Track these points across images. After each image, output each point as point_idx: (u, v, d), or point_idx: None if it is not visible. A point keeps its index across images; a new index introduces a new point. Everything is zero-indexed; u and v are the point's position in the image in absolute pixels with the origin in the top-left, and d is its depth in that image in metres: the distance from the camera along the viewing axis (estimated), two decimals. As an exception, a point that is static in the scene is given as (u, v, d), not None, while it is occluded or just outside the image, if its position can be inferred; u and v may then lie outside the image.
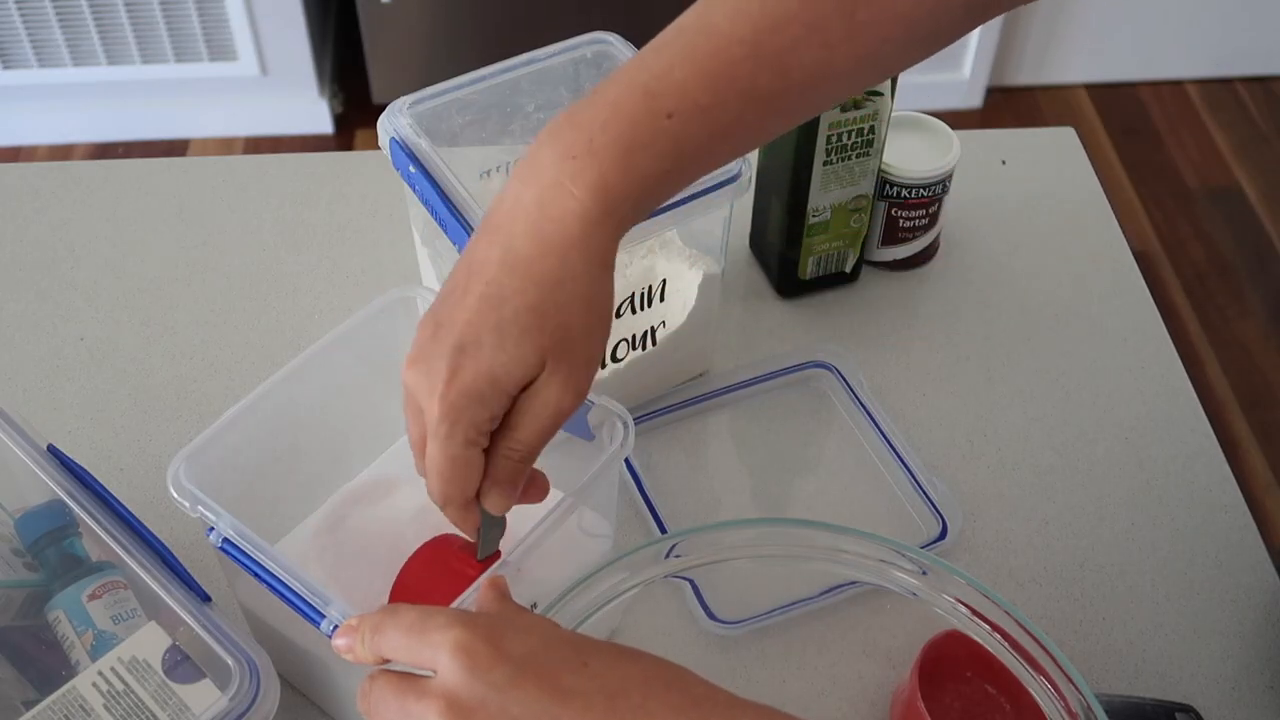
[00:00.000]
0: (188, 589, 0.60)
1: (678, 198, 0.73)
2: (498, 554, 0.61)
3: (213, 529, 0.61)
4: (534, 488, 0.60)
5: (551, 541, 0.62)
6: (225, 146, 2.32)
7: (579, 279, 0.54)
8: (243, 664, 0.58)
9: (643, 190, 0.55)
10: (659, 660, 0.49)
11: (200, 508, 0.61)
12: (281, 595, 0.59)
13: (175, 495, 0.61)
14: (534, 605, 0.65)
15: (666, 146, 0.55)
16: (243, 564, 0.60)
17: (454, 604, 0.58)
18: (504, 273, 0.54)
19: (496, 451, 0.56)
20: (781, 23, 0.55)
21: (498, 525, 0.60)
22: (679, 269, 0.83)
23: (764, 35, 0.55)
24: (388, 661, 0.50)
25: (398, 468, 0.76)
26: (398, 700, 0.47)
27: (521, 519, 0.63)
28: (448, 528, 0.73)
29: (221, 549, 0.60)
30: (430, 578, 0.62)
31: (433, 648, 0.47)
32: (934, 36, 0.59)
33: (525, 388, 0.55)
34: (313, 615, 0.58)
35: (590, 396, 0.65)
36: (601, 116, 0.54)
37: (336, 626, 0.57)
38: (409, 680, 0.48)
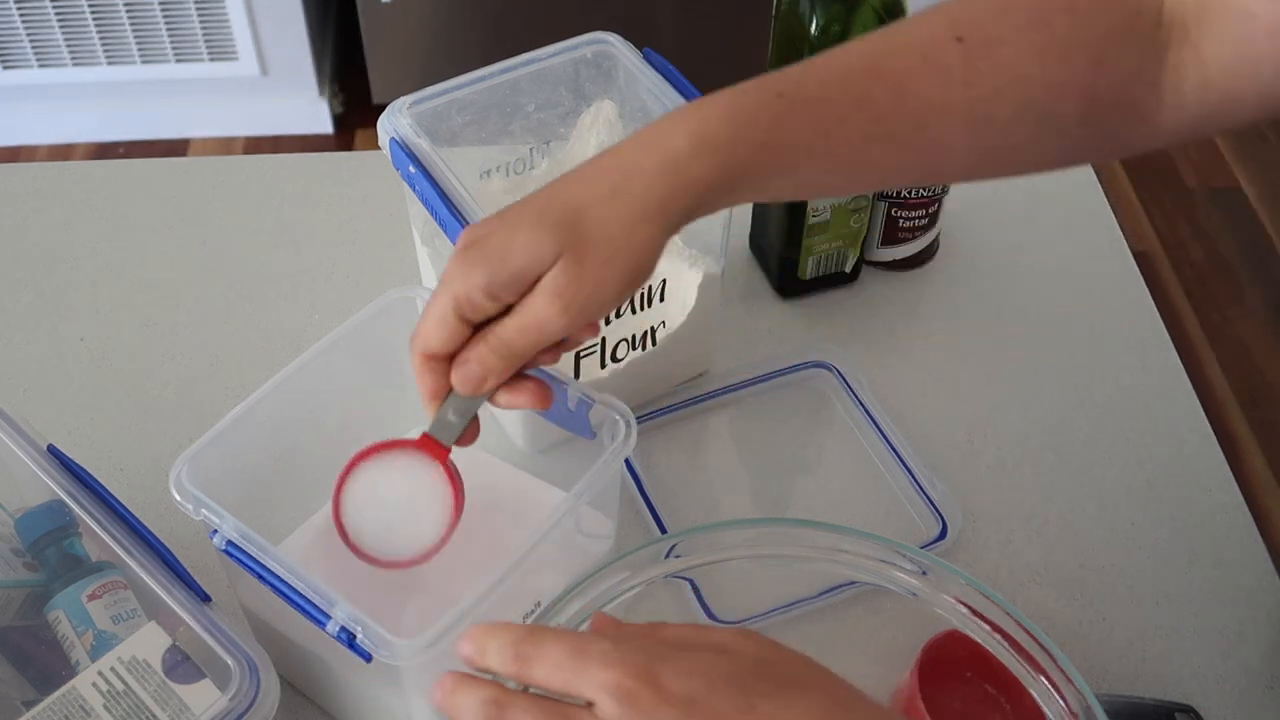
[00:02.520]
0: (188, 589, 0.60)
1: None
2: (446, 449, 0.60)
3: (216, 531, 0.61)
4: (529, 391, 0.59)
5: (553, 541, 0.62)
6: (225, 146, 2.32)
7: (629, 204, 0.56)
8: (243, 664, 0.58)
9: (735, 149, 0.56)
10: (831, 691, 0.48)
11: (204, 510, 0.61)
12: (286, 597, 0.59)
13: (178, 498, 0.61)
14: (537, 604, 0.65)
15: (769, 119, 0.57)
16: (247, 566, 0.60)
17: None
18: (575, 175, 0.57)
19: (480, 332, 0.57)
20: (901, 50, 0.59)
21: (460, 413, 0.59)
22: (679, 269, 0.83)
23: (883, 57, 0.59)
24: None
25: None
26: None
27: (522, 520, 0.63)
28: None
29: (225, 551, 0.60)
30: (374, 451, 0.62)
31: (593, 687, 0.45)
32: (1050, 121, 0.59)
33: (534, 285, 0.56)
34: (318, 616, 0.58)
35: (592, 395, 0.65)
36: (718, 94, 0.58)
37: (342, 627, 0.57)
38: (560, 710, 0.46)
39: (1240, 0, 0.56)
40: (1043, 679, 0.58)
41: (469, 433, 0.61)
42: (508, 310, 0.57)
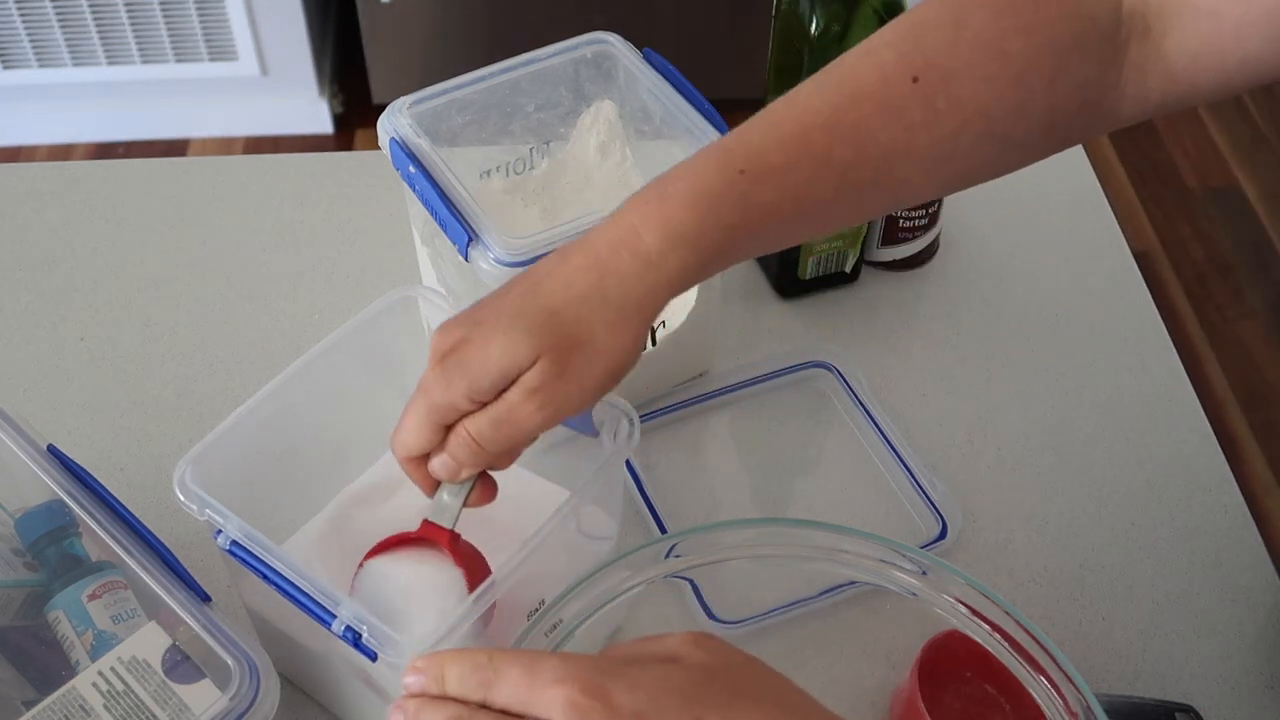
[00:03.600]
0: (188, 589, 0.60)
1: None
2: (448, 531, 0.61)
3: (220, 531, 0.61)
4: (481, 489, 0.61)
5: (556, 539, 0.62)
6: (225, 146, 2.32)
7: (608, 306, 0.56)
8: (243, 664, 0.58)
9: (704, 237, 0.56)
10: (782, 700, 0.48)
11: (208, 510, 0.61)
12: (292, 597, 0.59)
13: (182, 498, 0.61)
14: (540, 603, 0.65)
15: (735, 199, 0.57)
16: (251, 566, 0.60)
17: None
18: (547, 275, 0.57)
19: (458, 424, 0.58)
20: (859, 99, 0.58)
21: (453, 494, 0.61)
22: (679, 269, 0.83)
23: (841, 110, 0.58)
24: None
25: (399, 469, 0.76)
26: None
27: (524, 519, 0.63)
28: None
29: (230, 551, 0.60)
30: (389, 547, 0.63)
31: (545, 704, 0.46)
32: (1013, 141, 0.60)
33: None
34: (323, 616, 0.58)
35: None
36: (680, 172, 0.58)
37: (348, 627, 0.57)
38: None
39: (1204, 0, 0.56)
40: (1043, 679, 0.58)
41: (483, 495, 0.62)
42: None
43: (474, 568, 0.62)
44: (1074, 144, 0.64)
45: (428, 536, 0.61)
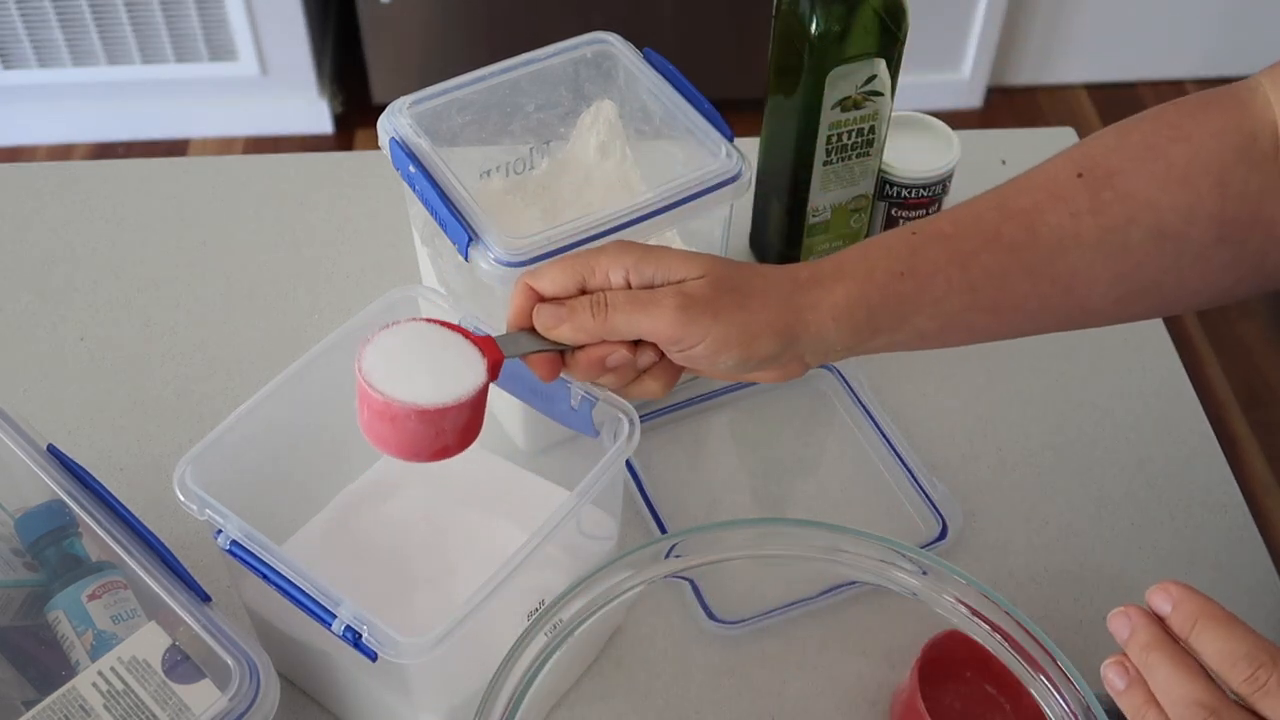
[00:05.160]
0: (188, 589, 0.60)
1: (677, 197, 0.74)
2: (499, 355, 0.59)
3: (220, 531, 0.60)
4: (548, 362, 0.61)
5: (557, 539, 0.62)
6: (225, 146, 2.32)
7: (773, 293, 0.59)
8: (243, 664, 0.58)
9: (870, 279, 0.59)
10: None
11: (209, 510, 0.61)
12: (292, 597, 0.58)
13: (182, 499, 0.61)
14: (540, 603, 0.65)
15: (903, 250, 0.60)
16: (251, 566, 0.60)
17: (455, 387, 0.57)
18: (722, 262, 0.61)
19: (597, 292, 0.59)
20: (1028, 189, 0.61)
21: (531, 341, 0.60)
22: (679, 269, 0.83)
23: (1010, 197, 0.62)
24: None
25: (400, 469, 0.76)
26: None
27: (525, 519, 0.63)
28: (451, 531, 0.73)
29: (230, 551, 0.60)
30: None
31: None
32: (1188, 246, 0.60)
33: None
34: (323, 616, 0.58)
35: (595, 393, 0.65)
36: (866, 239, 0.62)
37: (348, 626, 0.57)
38: None
39: None
40: (1043, 679, 0.58)
41: (549, 368, 0.61)
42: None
43: (491, 372, 0.59)
44: (1262, 276, 0.63)
45: (480, 342, 0.59)
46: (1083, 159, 0.61)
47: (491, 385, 0.59)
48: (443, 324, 0.59)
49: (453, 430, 0.58)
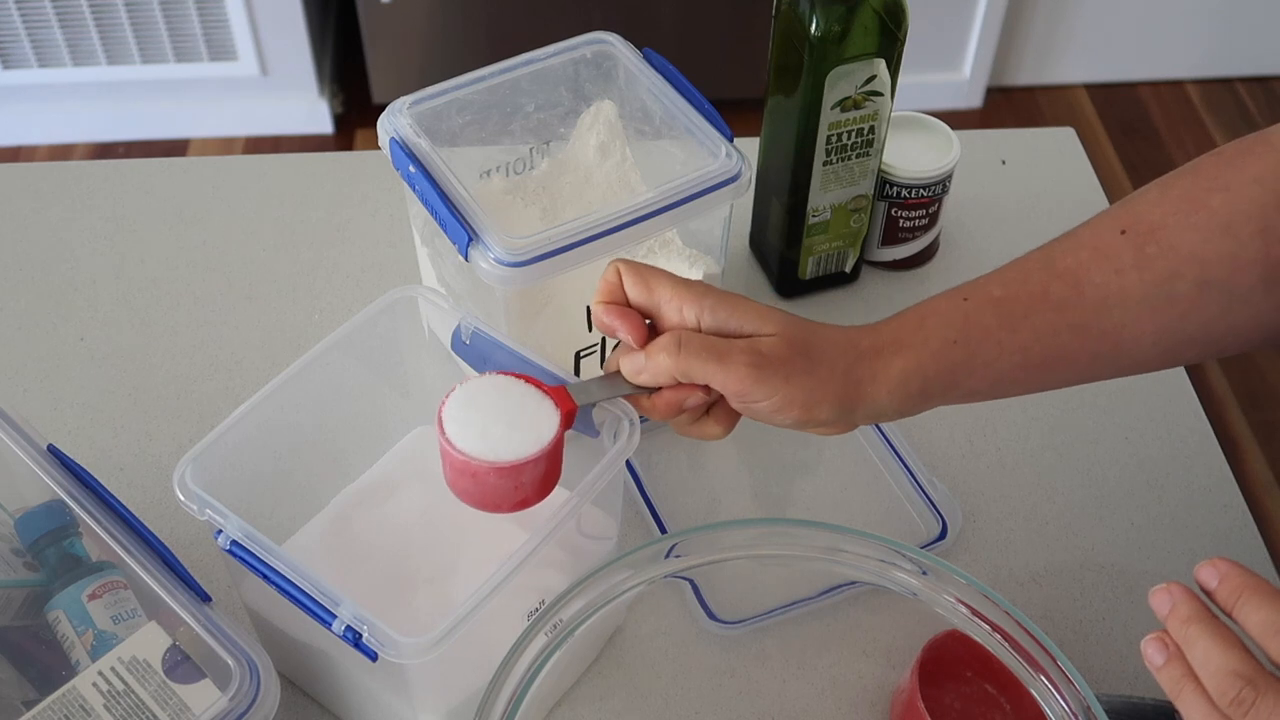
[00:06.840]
0: (188, 589, 0.60)
1: (677, 197, 0.74)
2: (573, 405, 0.61)
3: (220, 531, 0.60)
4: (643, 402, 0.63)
5: (556, 540, 0.62)
6: (225, 146, 2.32)
7: (839, 362, 0.61)
8: (243, 664, 0.58)
9: (925, 347, 0.61)
10: None
11: (208, 510, 0.61)
12: (292, 597, 0.58)
13: (182, 499, 0.61)
14: (540, 603, 0.65)
15: (956, 318, 0.62)
16: (251, 566, 0.60)
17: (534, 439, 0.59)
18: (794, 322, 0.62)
19: (676, 330, 0.60)
20: (1073, 248, 0.63)
21: (601, 389, 0.61)
22: (679, 269, 0.83)
23: (1056, 255, 0.63)
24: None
25: (400, 469, 0.76)
26: None
27: (525, 519, 0.63)
28: (451, 531, 0.73)
29: (230, 552, 0.60)
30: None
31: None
32: (1236, 294, 0.61)
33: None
34: (323, 616, 0.58)
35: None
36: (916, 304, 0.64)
37: (348, 626, 0.57)
38: None
39: None
40: (1043, 679, 0.58)
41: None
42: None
43: (561, 429, 0.61)
44: None
45: (553, 393, 0.61)
46: (1126, 215, 0.62)
47: None
48: (517, 376, 0.61)
49: (530, 483, 0.60)
